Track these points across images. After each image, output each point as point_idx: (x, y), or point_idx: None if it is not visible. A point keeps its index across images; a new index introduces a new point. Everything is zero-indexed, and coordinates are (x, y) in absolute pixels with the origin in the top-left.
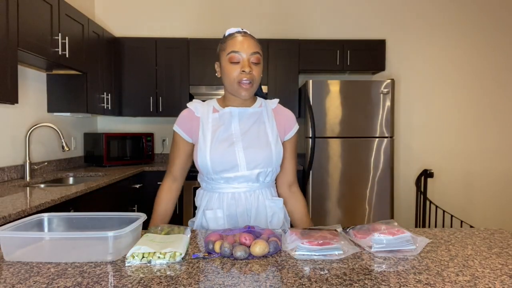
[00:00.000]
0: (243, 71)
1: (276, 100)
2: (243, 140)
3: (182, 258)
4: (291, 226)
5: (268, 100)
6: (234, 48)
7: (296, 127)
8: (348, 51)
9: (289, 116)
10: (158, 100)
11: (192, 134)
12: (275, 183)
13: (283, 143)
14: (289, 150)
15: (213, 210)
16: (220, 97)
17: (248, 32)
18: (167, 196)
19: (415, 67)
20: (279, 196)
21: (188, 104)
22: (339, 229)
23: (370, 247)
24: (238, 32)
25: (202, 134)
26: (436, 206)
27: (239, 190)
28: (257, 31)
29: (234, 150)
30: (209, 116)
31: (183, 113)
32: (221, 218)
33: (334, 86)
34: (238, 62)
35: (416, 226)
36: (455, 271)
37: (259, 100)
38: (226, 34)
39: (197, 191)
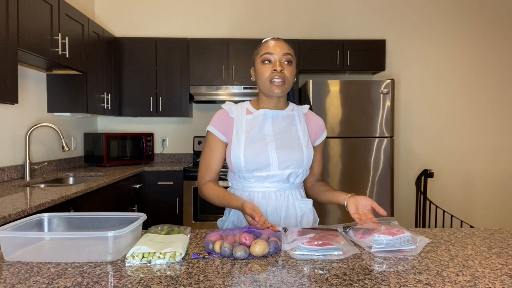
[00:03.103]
0: (274, 70)
1: (307, 106)
2: (276, 141)
3: (182, 258)
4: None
5: (299, 106)
6: (267, 50)
7: (325, 133)
8: (348, 51)
9: (319, 123)
10: (158, 100)
11: (227, 134)
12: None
13: (314, 148)
14: (319, 154)
15: None
16: (253, 99)
17: (281, 38)
18: (212, 186)
19: (415, 67)
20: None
21: (223, 106)
22: (340, 229)
23: (370, 247)
24: (272, 38)
25: (236, 134)
26: (436, 206)
27: (270, 190)
28: (257, 31)
29: (267, 149)
30: (243, 117)
31: (219, 113)
32: None
33: (334, 86)
34: (270, 63)
35: (416, 226)
36: (455, 271)
37: (291, 104)
38: (262, 43)
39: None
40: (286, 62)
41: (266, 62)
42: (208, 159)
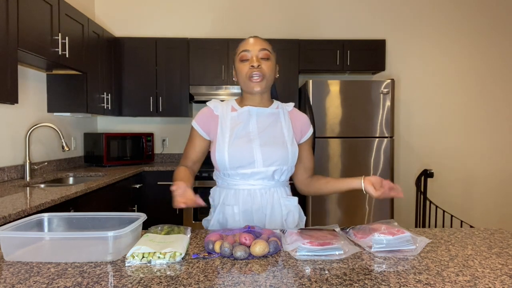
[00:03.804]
0: (252, 66)
1: (292, 104)
2: (261, 138)
3: (182, 258)
4: (305, 222)
5: (284, 104)
6: (244, 48)
7: (311, 129)
8: (348, 51)
9: (304, 120)
10: (158, 100)
11: (210, 131)
12: (294, 180)
13: (301, 145)
14: (307, 149)
15: (230, 206)
16: (238, 97)
17: (259, 36)
18: (184, 169)
19: (415, 67)
20: (299, 191)
21: (208, 103)
22: (337, 229)
23: (370, 247)
24: (250, 37)
25: (221, 131)
26: (436, 206)
27: (255, 187)
28: (257, 31)
29: (252, 146)
30: (227, 114)
31: (203, 110)
32: (237, 214)
33: (334, 86)
34: (247, 60)
35: (416, 226)
36: (455, 271)
37: (276, 102)
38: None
39: (212, 189)
40: (263, 59)
41: (244, 60)
42: (187, 149)
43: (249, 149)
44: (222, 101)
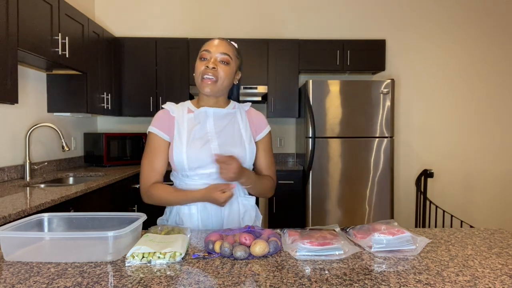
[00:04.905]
0: (207, 66)
1: (249, 104)
2: (218, 138)
3: (182, 258)
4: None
5: (241, 104)
6: (205, 48)
7: (267, 128)
8: (348, 51)
9: (260, 118)
10: (158, 100)
11: (169, 133)
12: None
13: (256, 143)
14: (262, 148)
15: (188, 206)
16: (194, 99)
17: (226, 39)
18: (165, 186)
19: (415, 67)
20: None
21: (163, 105)
22: (337, 229)
23: (370, 247)
24: (216, 38)
25: (178, 133)
26: (436, 206)
27: None
28: (258, 31)
29: (210, 147)
30: (184, 116)
31: (159, 114)
32: (195, 214)
33: (334, 86)
34: (206, 60)
35: (416, 226)
36: (455, 271)
37: (233, 102)
38: None
39: None
40: (222, 62)
41: (203, 59)
42: (152, 161)
43: (207, 150)
44: (176, 103)
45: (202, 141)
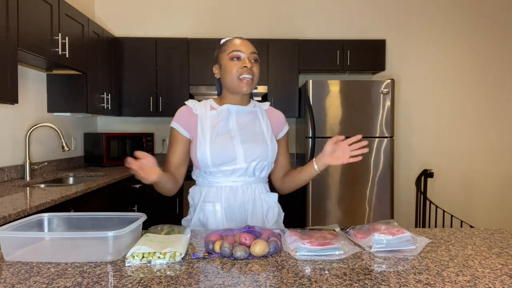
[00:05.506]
0: (244, 66)
1: (268, 103)
2: (241, 135)
3: (182, 258)
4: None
5: (260, 103)
6: (235, 48)
7: (287, 126)
8: (348, 51)
9: (280, 117)
10: (158, 100)
11: (190, 130)
12: (271, 178)
13: (278, 141)
14: (283, 147)
15: (212, 203)
16: (216, 97)
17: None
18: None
19: (415, 67)
20: (278, 191)
21: (186, 102)
22: (337, 229)
23: (370, 247)
24: (236, 37)
25: (201, 130)
26: (436, 206)
27: (236, 184)
28: (257, 31)
29: (233, 143)
30: (207, 113)
31: (181, 110)
32: (219, 211)
33: (334, 86)
34: (239, 59)
35: (416, 226)
36: (455, 271)
37: (253, 101)
38: (223, 41)
39: (191, 189)
40: (253, 61)
41: (235, 59)
42: (168, 154)
43: (231, 146)
44: (199, 101)
45: (225, 137)
